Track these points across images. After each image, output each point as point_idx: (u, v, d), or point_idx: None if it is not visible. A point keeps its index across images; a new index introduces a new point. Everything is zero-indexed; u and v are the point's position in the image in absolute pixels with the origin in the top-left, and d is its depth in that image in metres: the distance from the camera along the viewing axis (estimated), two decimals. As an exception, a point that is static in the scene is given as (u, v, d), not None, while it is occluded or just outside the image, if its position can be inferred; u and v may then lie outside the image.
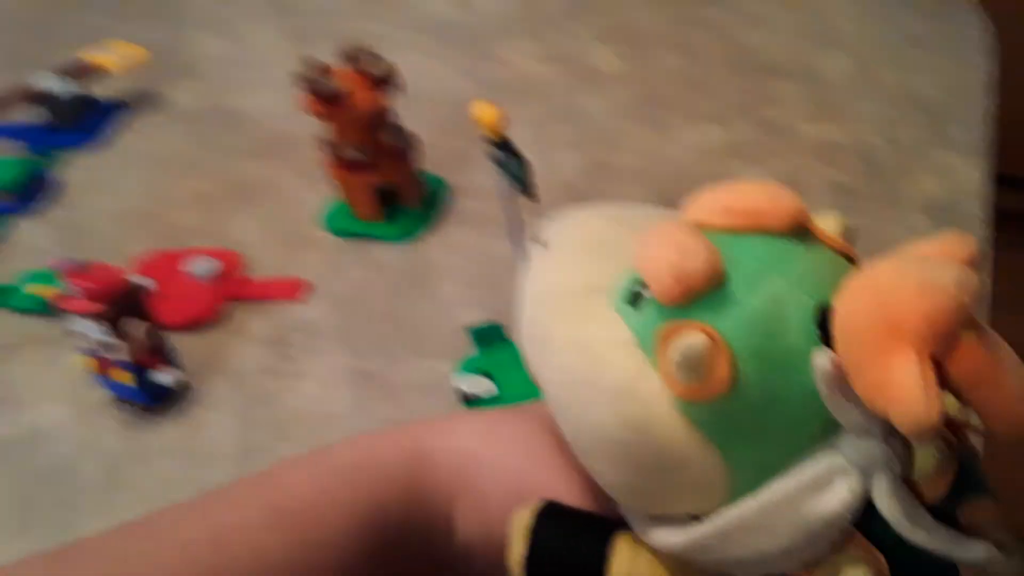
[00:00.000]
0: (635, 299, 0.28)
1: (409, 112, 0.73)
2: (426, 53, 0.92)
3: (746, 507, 0.27)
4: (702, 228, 0.28)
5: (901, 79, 0.76)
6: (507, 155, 0.48)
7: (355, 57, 0.67)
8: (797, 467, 0.27)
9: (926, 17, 0.83)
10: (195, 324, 0.62)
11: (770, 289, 0.27)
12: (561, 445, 0.32)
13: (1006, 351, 0.25)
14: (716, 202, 0.29)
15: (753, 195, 0.29)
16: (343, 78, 0.65)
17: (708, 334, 0.26)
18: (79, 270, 0.55)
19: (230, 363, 0.60)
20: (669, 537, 0.29)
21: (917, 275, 0.25)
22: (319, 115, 0.65)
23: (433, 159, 0.75)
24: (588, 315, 0.29)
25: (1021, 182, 1.73)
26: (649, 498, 0.29)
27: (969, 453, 0.28)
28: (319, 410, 0.55)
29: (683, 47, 0.86)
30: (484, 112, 0.49)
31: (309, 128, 0.68)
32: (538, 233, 0.33)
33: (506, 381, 0.54)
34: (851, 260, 0.30)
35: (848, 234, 0.31)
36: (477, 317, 0.60)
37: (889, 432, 0.26)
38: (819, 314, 0.27)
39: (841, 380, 0.25)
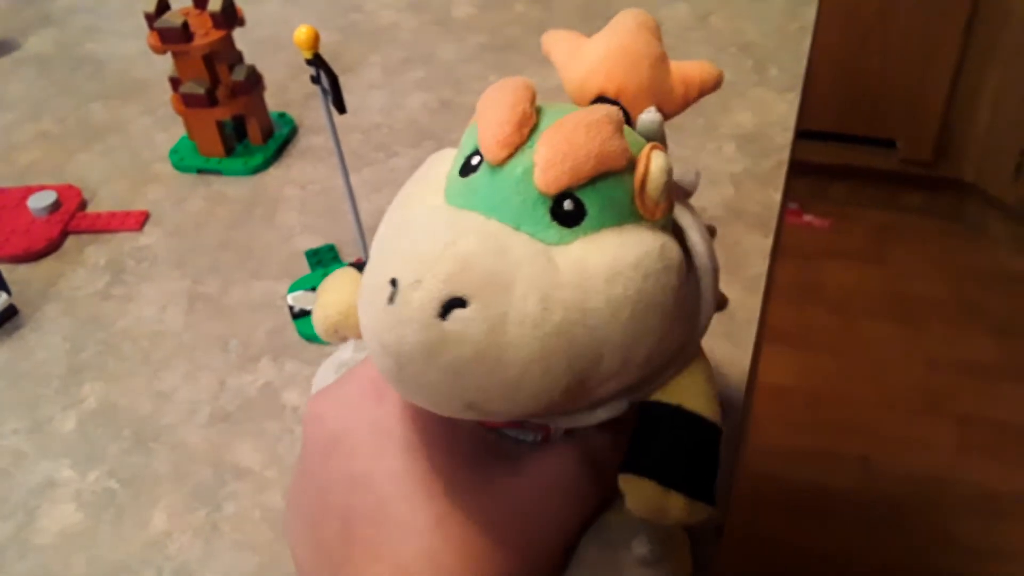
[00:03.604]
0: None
1: (264, 56, 0.74)
2: (288, 2, 0.93)
3: None
4: None
5: (732, 26, 0.80)
6: (320, 71, 0.50)
7: (200, -2, 0.68)
8: None
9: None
10: (30, 255, 0.62)
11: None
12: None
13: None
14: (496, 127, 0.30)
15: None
16: (185, 16, 0.66)
17: (655, 147, 0.30)
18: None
19: (63, 290, 0.60)
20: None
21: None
22: (159, 51, 0.66)
23: (283, 99, 0.77)
24: None
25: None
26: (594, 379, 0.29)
27: None
28: (150, 329, 0.56)
29: (537, -1, 0.89)
30: (300, 32, 0.51)
31: (162, 72, 0.68)
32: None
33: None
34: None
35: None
36: (314, 243, 0.61)
37: None
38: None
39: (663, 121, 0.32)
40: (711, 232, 0.36)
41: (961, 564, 1.39)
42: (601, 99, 0.33)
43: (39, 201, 0.66)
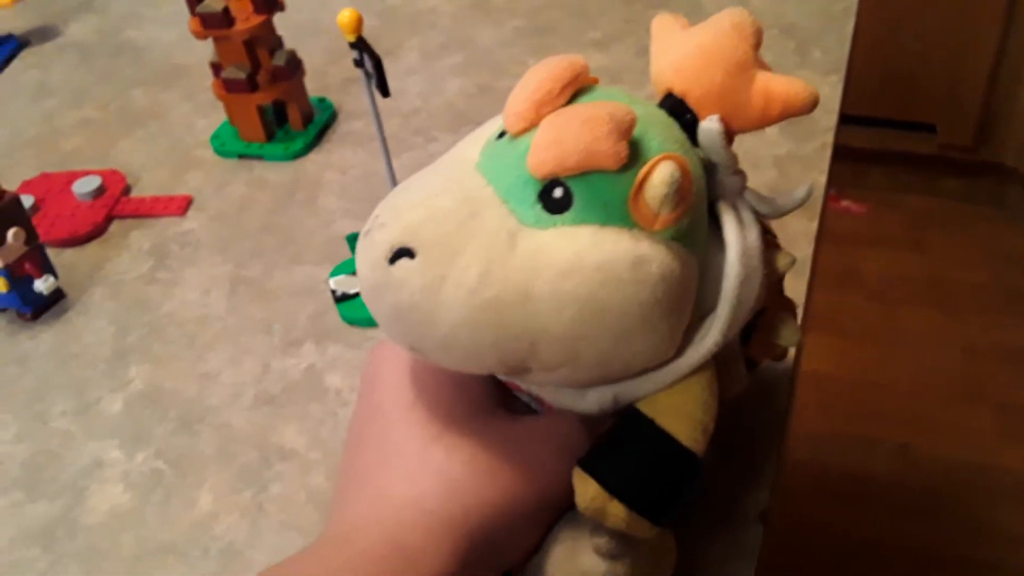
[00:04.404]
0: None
1: (304, 40, 0.74)
2: (325, -12, 0.93)
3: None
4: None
5: (773, 8, 0.79)
6: (363, 54, 0.50)
7: (240, -19, 0.68)
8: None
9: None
10: (76, 239, 0.63)
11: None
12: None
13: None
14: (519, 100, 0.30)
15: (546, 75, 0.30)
16: (226, 1, 0.66)
17: (669, 157, 0.28)
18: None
19: (108, 274, 0.61)
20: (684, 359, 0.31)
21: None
22: (200, 36, 0.66)
23: (323, 83, 0.77)
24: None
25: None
26: (667, 338, 0.30)
27: None
28: (194, 314, 0.57)
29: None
30: (344, 16, 0.51)
31: (202, 57, 0.69)
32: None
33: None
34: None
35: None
36: (355, 228, 0.61)
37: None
38: (669, 102, 0.32)
39: (725, 132, 0.31)
40: (777, 261, 0.34)
41: (1001, 551, 1.37)
42: (669, 96, 0.32)
43: (84, 186, 0.66)
